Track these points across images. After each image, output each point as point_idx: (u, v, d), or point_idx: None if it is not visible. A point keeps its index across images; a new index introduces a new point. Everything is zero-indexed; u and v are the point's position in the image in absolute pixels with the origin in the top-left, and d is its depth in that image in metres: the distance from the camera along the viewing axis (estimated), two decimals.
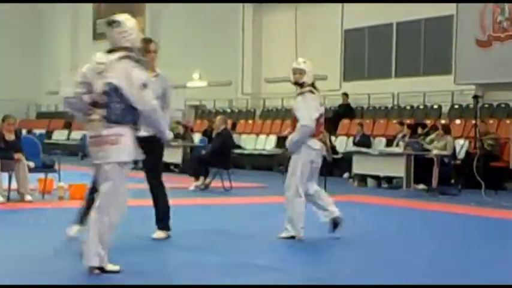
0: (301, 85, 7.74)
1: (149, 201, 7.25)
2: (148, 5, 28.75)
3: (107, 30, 5.97)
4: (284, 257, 6.48)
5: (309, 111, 7.54)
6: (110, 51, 5.79)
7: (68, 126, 26.64)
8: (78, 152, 21.54)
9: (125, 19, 5.86)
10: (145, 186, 7.27)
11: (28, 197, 10.19)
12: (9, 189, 10.38)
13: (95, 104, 5.51)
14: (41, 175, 11.02)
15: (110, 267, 5.55)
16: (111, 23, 5.91)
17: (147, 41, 7.32)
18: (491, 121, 15.68)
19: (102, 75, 5.57)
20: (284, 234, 7.36)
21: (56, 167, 11.15)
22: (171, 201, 7.45)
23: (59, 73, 32.61)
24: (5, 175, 10.31)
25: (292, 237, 7.32)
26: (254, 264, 6.02)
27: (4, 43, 31.47)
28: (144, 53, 6.53)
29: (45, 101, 32.26)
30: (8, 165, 10.22)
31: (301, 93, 7.73)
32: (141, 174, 7.17)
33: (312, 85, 7.74)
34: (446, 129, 14.62)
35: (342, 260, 6.44)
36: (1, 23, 31.74)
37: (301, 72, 7.68)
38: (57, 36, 33.19)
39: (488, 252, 6.99)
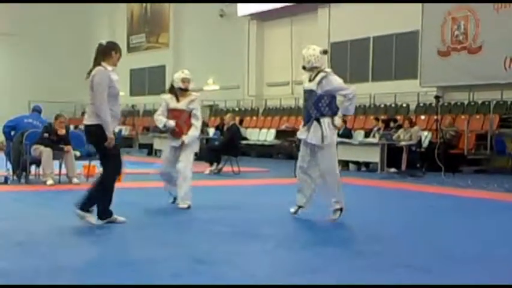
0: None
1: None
2: (172, 22, 28.73)
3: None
4: (284, 226, 6.49)
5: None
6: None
7: None
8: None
9: None
10: None
11: (75, 180, 10.23)
12: (59, 174, 10.43)
13: None
14: (85, 162, 11.06)
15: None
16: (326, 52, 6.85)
17: None
18: (449, 117, 15.69)
19: None
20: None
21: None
22: (192, 183, 7.53)
23: None
24: (56, 162, 10.37)
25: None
26: (259, 233, 6.03)
27: (57, 57, 31.56)
28: None
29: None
30: (59, 155, 10.28)
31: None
32: None
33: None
34: (411, 123, 14.65)
35: (330, 230, 6.44)
36: (55, 40, 31.80)
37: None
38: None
39: (446, 222, 7.02)
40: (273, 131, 21.15)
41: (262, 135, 21.52)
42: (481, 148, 15.15)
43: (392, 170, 13.81)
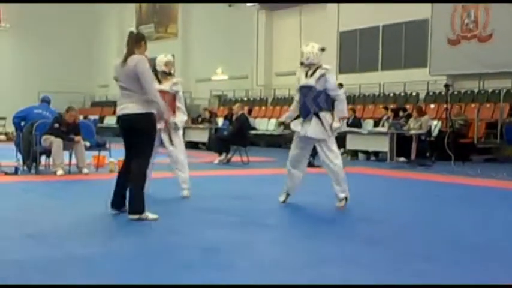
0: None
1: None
2: (180, 13, 28.70)
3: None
4: (293, 216, 6.51)
5: None
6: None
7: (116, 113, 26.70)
8: None
9: None
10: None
11: (85, 170, 10.27)
12: (69, 164, 10.48)
13: None
14: (95, 152, 11.11)
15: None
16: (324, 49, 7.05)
17: None
18: (458, 106, 15.60)
19: None
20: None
21: (107, 145, 11.22)
22: (201, 173, 7.53)
23: (108, 71, 32.82)
24: (66, 153, 10.42)
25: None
26: (268, 223, 6.05)
27: (66, 48, 31.65)
28: None
29: (97, 93, 32.42)
30: (68, 145, 10.32)
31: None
32: None
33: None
34: (421, 112, 14.60)
35: (338, 218, 6.46)
36: (64, 32, 31.88)
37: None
38: (106, 40, 33.23)
39: (456, 211, 7.01)
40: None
41: (271, 125, 21.50)
42: (491, 137, 15.09)
43: (402, 159, 13.77)
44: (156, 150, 7.15)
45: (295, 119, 7.21)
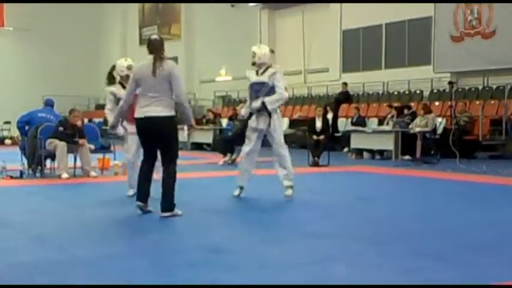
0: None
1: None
2: (183, 14, 28.74)
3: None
4: (297, 214, 6.50)
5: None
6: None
7: None
8: None
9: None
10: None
11: (93, 173, 10.28)
12: (74, 167, 10.50)
13: None
14: (100, 155, 11.13)
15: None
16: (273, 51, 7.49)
17: None
18: (461, 103, 15.57)
19: None
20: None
21: (112, 148, 11.24)
22: (206, 174, 7.55)
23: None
24: (71, 156, 10.44)
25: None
26: (271, 223, 6.05)
27: (69, 51, 31.71)
28: None
29: (102, 96, 32.43)
30: (73, 148, 10.34)
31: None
32: None
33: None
34: (427, 109, 14.56)
35: (345, 218, 6.44)
36: (68, 34, 31.96)
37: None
38: (109, 43, 33.32)
39: (461, 208, 7.00)
40: (285, 120, 21.11)
41: None
42: (496, 133, 15.05)
43: (407, 157, 13.76)
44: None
45: (249, 116, 7.67)
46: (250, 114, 7.61)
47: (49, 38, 31.66)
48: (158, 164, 6.47)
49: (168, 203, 6.16)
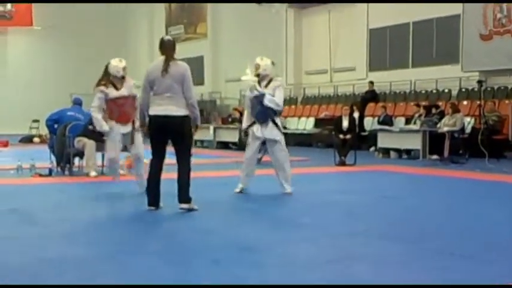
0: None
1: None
2: (209, 12, 28.82)
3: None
4: (323, 215, 6.49)
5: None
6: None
7: None
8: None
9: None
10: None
11: (121, 171, 10.34)
12: (102, 166, 10.57)
13: None
14: (127, 154, 11.17)
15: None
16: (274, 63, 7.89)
17: None
18: (490, 102, 15.38)
19: None
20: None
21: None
22: (232, 173, 7.58)
23: (140, 71, 33.16)
24: (99, 154, 10.52)
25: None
26: (299, 222, 6.06)
27: (97, 50, 31.93)
28: None
29: None
30: (102, 146, 10.37)
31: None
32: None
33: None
34: (455, 109, 14.42)
35: (371, 217, 6.42)
36: (95, 33, 32.30)
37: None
38: (136, 41, 33.57)
39: (490, 208, 6.92)
40: (312, 120, 21.10)
41: (301, 123, 21.49)
42: None
43: (435, 157, 13.63)
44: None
45: (250, 125, 7.99)
46: (253, 123, 7.94)
47: (77, 37, 32.03)
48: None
49: (185, 196, 6.40)
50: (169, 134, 6.45)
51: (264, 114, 7.81)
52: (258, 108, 7.78)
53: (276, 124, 7.86)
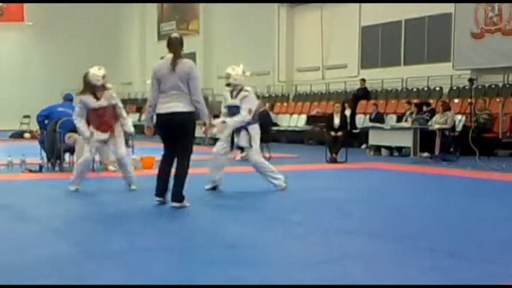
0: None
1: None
2: (201, 9, 28.76)
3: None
4: (314, 213, 6.47)
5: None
6: None
7: (139, 110, 26.87)
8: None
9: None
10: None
11: (111, 168, 10.34)
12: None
13: None
14: None
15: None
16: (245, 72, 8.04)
17: None
18: (481, 100, 15.42)
19: None
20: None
21: (130, 143, 11.27)
22: (223, 170, 7.56)
23: (131, 68, 33.04)
24: None
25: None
26: (290, 219, 6.04)
27: (88, 46, 31.85)
28: None
29: (120, 91, 32.59)
30: None
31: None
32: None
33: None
34: (447, 106, 14.45)
35: (363, 215, 6.41)
36: (86, 30, 32.17)
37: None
38: (128, 38, 33.45)
39: (481, 206, 6.93)
40: (303, 117, 21.10)
41: (293, 121, 21.48)
42: None
43: (425, 154, 13.66)
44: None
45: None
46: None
47: (68, 33, 31.88)
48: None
49: (178, 194, 6.43)
50: (173, 131, 6.50)
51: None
52: (228, 116, 7.96)
53: (248, 132, 7.91)
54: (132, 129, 8.31)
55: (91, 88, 7.88)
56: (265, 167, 8.00)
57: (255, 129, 8.06)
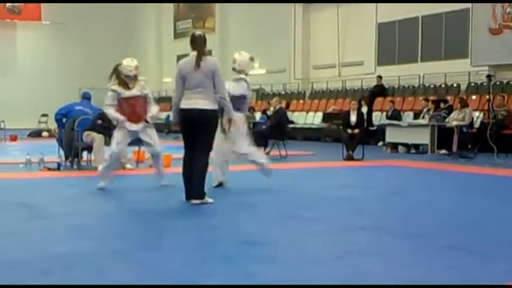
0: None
1: None
2: (217, 7, 28.80)
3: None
4: (330, 210, 6.47)
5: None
6: None
7: None
8: (163, 129, 21.78)
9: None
10: None
11: (128, 166, 10.42)
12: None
13: None
14: (135, 148, 11.22)
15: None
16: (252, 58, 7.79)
17: None
18: (499, 96, 15.28)
19: None
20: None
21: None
22: (240, 167, 7.57)
23: (148, 66, 33.18)
24: (107, 148, 10.49)
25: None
26: (306, 216, 6.04)
27: (106, 44, 32.04)
28: None
29: None
30: (110, 141, 10.41)
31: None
32: None
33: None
34: (464, 103, 14.35)
35: (380, 212, 6.39)
36: (104, 28, 32.34)
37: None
38: (145, 36, 33.57)
39: (499, 204, 6.88)
40: (319, 114, 21.08)
41: (309, 118, 21.47)
42: None
43: (443, 151, 13.59)
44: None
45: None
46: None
47: (86, 32, 32.09)
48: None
49: (199, 191, 6.45)
50: (195, 127, 6.52)
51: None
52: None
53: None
54: (154, 112, 8.09)
55: (123, 78, 7.85)
56: (254, 152, 8.05)
57: (240, 117, 7.75)
